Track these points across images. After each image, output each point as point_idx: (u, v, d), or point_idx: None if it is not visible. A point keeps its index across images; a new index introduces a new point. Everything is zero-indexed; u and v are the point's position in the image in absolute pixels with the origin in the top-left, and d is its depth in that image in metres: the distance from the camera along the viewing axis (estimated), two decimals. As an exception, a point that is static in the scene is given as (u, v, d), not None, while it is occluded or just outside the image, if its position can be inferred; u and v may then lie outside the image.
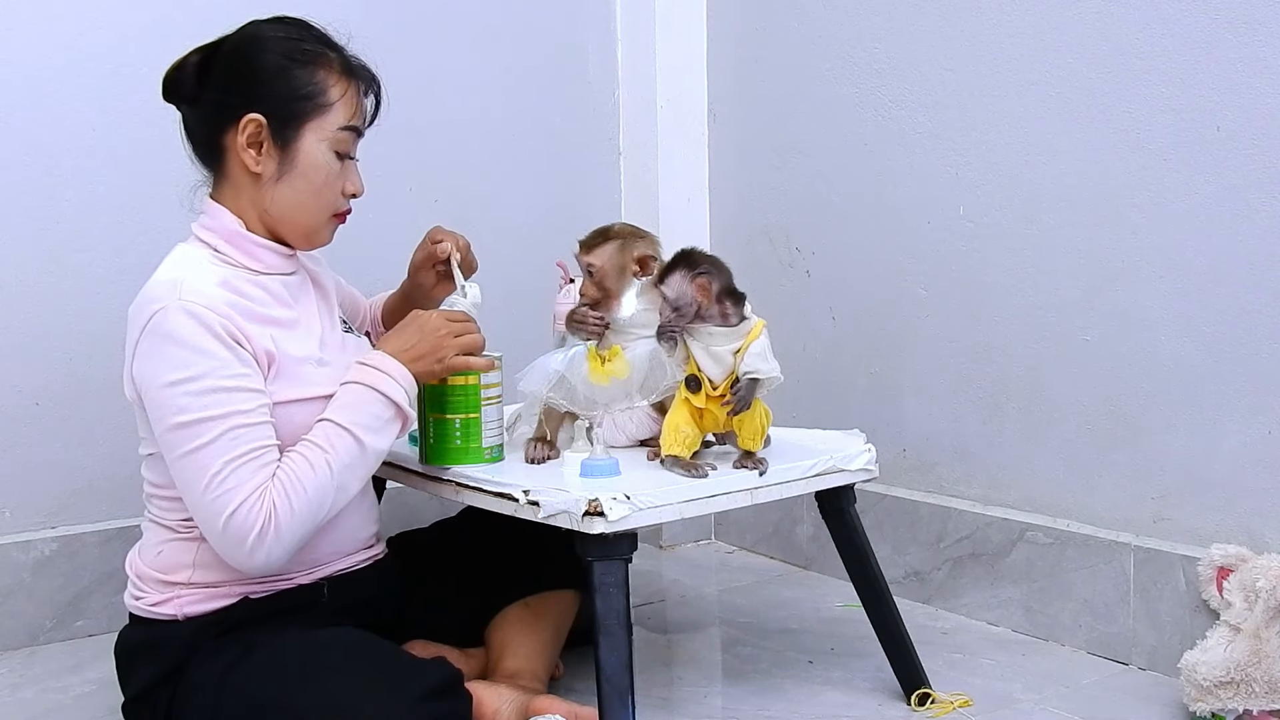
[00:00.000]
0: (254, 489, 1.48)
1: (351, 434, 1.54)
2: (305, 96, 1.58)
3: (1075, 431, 2.06)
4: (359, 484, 1.58)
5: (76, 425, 2.22)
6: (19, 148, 2.16)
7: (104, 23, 2.21)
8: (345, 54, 1.64)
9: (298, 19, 1.65)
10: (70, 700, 1.93)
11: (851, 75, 2.40)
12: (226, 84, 1.59)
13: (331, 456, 1.53)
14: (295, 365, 1.57)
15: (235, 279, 1.57)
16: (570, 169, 2.76)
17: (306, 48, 1.60)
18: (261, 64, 1.58)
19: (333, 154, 1.61)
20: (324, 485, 1.52)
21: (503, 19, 2.65)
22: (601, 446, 1.67)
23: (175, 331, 1.48)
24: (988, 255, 2.17)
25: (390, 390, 1.57)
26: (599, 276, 1.78)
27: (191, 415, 1.47)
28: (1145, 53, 1.90)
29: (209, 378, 1.47)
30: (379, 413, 1.57)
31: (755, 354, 1.61)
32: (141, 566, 1.63)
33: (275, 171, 1.59)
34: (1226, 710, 1.68)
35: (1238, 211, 1.81)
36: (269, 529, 1.48)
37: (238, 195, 1.61)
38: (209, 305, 1.49)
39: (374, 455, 1.58)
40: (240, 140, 1.57)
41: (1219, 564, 1.78)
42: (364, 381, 1.57)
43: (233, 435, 1.48)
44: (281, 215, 1.62)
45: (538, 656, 1.78)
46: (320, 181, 1.61)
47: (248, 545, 1.48)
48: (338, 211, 1.66)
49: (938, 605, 2.27)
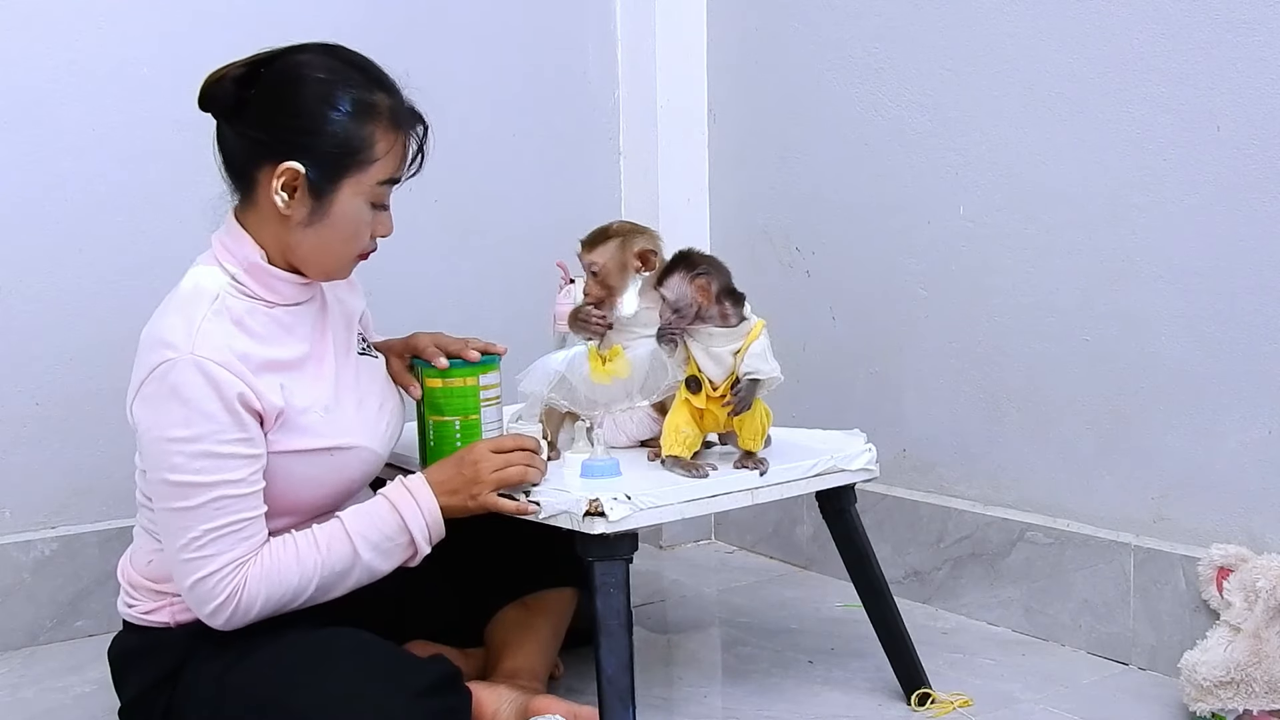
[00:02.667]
0: (229, 562, 1.48)
1: (353, 544, 1.53)
2: (349, 152, 1.52)
3: (1075, 431, 2.06)
4: (342, 592, 1.56)
5: (76, 425, 2.21)
6: (19, 148, 2.16)
7: (104, 23, 2.21)
8: (396, 99, 1.56)
9: (352, 54, 1.58)
10: (70, 700, 1.93)
11: (851, 75, 2.40)
12: (267, 120, 1.52)
13: (323, 558, 1.52)
14: (298, 415, 1.54)
15: (249, 317, 1.54)
16: (570, 170, 2.76)
17: (357, 96, 1.53)
18: (306, 110, 1.51)
19: (367, 205, 1.56)
20: (303, 584, 1.52)
21: (503, 20, 2.64)
22: (602, 447, 1.67)
23: (181, 388, 1.45)
24: (988, 255, 2.17)
25: (411, 519, 1.55)
26: (603, 275, 1.78)
27: (182, 476, 1.46)
28: (1145, 53, 1.90)
29: (205, 441, 1.46)
30: (391, 535, 1.55)
31: (755, 354, 1.61)
32: (133, 574, 1.62)
33: (306, 219, 1.54)
34: (1226, 710, 1.68)
35: (1238, 211, 1.81)
36: (231, 604, 1.49)
37: (262, 226, 1.56)
38: (222, 362, 1.46)
39: (367, 573, 1.55)
40: (275, 184, 1.51)
41: (1219, 564, 1.78)
42: (391, 499, 1.56)
43: (218, 505, 1.47)
44: (305, 257, 1.58)
45: (537, 656, 1.78)
46: (350, 233, 1.57)
47: (208, 610, 1.49)
48: (364, 252, 1.62)
49: (938, 605, 2.27)
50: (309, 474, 1.56)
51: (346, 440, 1.59)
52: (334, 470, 1.59)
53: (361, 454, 1.62)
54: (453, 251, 2.55)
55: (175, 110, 1.66)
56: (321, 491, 1.59)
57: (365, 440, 1.62)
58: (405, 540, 1.56)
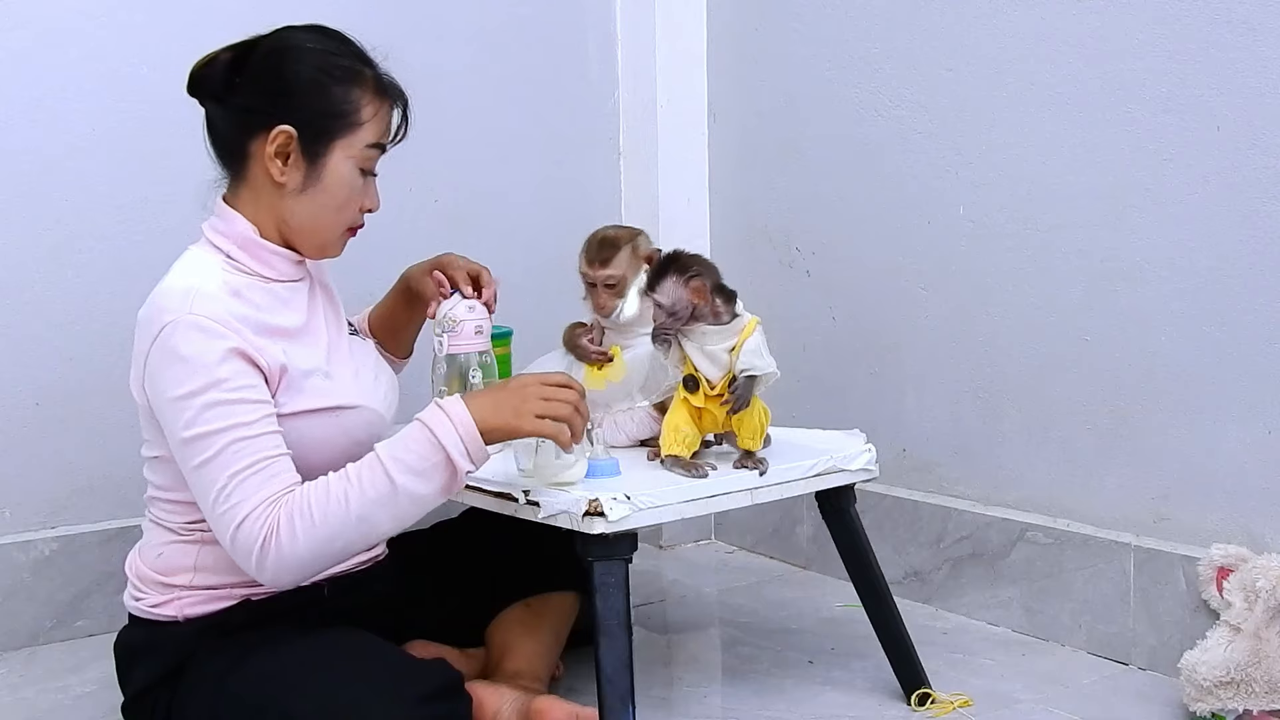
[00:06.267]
0: (259, 502, 1.46)
1: (385, 469, 1.45)
2: (339, 114, 1.57)
3: (1075, 431, 2.05)
4: (391, 524, 1.49)
5: (76, 425, 2.21)
6: (19, 148, 2.16)
7: (103, 23, 2.21)
8: (379, 71, 1.62)
9: (335, 31, 1.63)
10: (70, 700, 1.93)
11: (851, 75, 2.40)
12: (259, 90, 1.57)
13: (355, 488, 1.45)
14: (303, 378, 1.56)
15: (247, 289, 1.56)
16: (570, 169, 2.76)
17: (344, 63, 1.59)
18: (297, 75, 1.57)
19: (357, 171, 1.60)
20: (339, 515, 1.45)
21: (503, 19, 2.64)
22: (602, 446, 1.67)
23: (183, 346, 1.47)
24: (988, 255, 2.17)
25: (444, 434, 1.46)
26: (620, 286, 1.80)
27: (196, 430, 1.47)
28: (1145, 53, 1.90)
29: (211, 391, 1.47)
30: (425, 454, 1.46)
31: (750, 351, 1.61)
32: (142, 568, 1.62)
33: (300, 184, 1.58)
34: (1226, 710, 1.68)
35: (1238, 211, 1.81)
36: (271, 545, 1.44)
37: (256, 201, 1.60)
38: (219, 319, 1.49)
39: (407, 498, 1.46)
40: (269, 150, 1.55)
41: (1219, 564, 1.78)
42: (423, 419, 1.48)
43: (235, 448, 1.47)
44: (300, 226, 1.61)
45: (538, 657, 1.79)
46: (343, 198, 1.61)
47: (252, 559, 1.46)
48: (352, 226, 1.66)
49: (938, 605, 2.27)
50: (316, 435, 1.56)
51: (350, 400, 1.61)
52: (342, 432, 1.59)
53: (366, 414, 1.63)
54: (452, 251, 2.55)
55: (175, 110, 1.66)
56: (332, 454, 1.56)
57: (368, 401, 1.64)
58: (441, 459, 1.46)
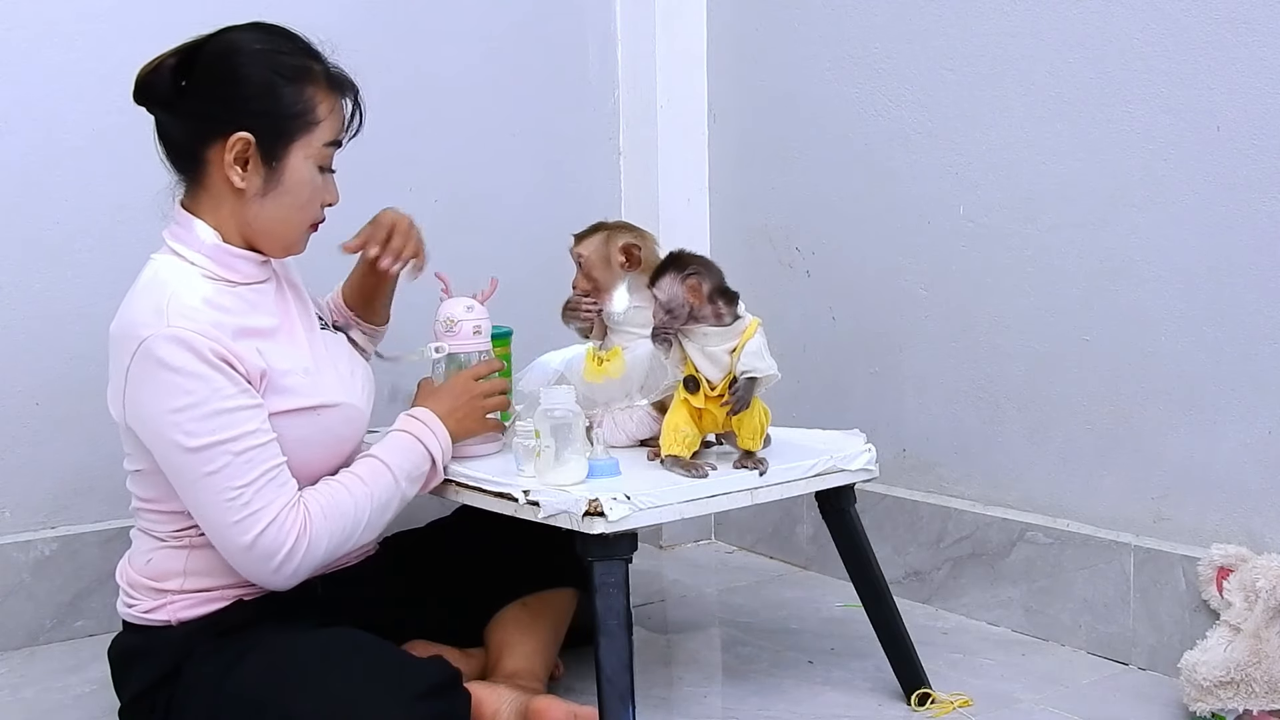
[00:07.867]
0: (283, 506, 1.51)
1: (393, 475, 1.62)
2: (294, 115, 1.56)
3: (1075, 431, 2.06)
4: (382, 524, 1.65)
5: (76, 425, 2.21)
6: (19, 148, 2.16)
7: (102, 23, 2.21)
8: (328, 65, 1.61)
9: (279, 27, 1.61)
10: (70, 700, 1.93)
11: (851, 75, 2.40)
12: (211, 97, 1.56)
13: (371, 490, 1.60)
14: (282, 377, 1.57)
15: (217, 295, 1.56)
16: (570, 169, 2.76)
17: (294, 62, 1.57)
18: (248, 79, 1.55)
19: (316, 169, 1.60)
20: (358, 517, 1.58)
21: (503, 19, 2.64)
22: (602, 446, 1.67)
23: (168, 359, 1.47)
24: (988, 255, 2.17)
25: (432, 447, 1.66)
26: (587, 267, 1.85)
27: (199, 440, 1.47)
28: (1145, 53, 1.90)
29: (210, 401, 1.47)
30: (419, 464, 1.65)
31: (751, 352, 1.61)
32: (132, 575, 1.63)
33: (260, 188, 1.57)
34: (1226, 710, 1.68)
35: (1238, 211, 1.81)
36: (302, 545, 1.51)
37: (217, 206, 1.59)
38: (197, 330, 1.48)
39: (401, 501, 1.65)
40: (227, 157, 1.55)
41: (1219, 564, 1.78)
42: (411, 432, 1.66)
43: (247, 458, 1.48)
44: (263, 229, 1.61)
45: (537, 656, 1.79)
46: (305, 197, 1.61)
47: (276, 561, 1.50)
48: (314, 222, 1.66)
49: (938, 605, 2.27)
50: (299, 435, 1.57)
51: (331, 398, 1.62)
52: (324, 430, 1.61)
53: (347, 411, 1.65)
54: (452, 251, 2.55)
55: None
56: (315, 454, 1.61)
57: (347, 398, 1.66)
58: (429, 468, 1.67)
